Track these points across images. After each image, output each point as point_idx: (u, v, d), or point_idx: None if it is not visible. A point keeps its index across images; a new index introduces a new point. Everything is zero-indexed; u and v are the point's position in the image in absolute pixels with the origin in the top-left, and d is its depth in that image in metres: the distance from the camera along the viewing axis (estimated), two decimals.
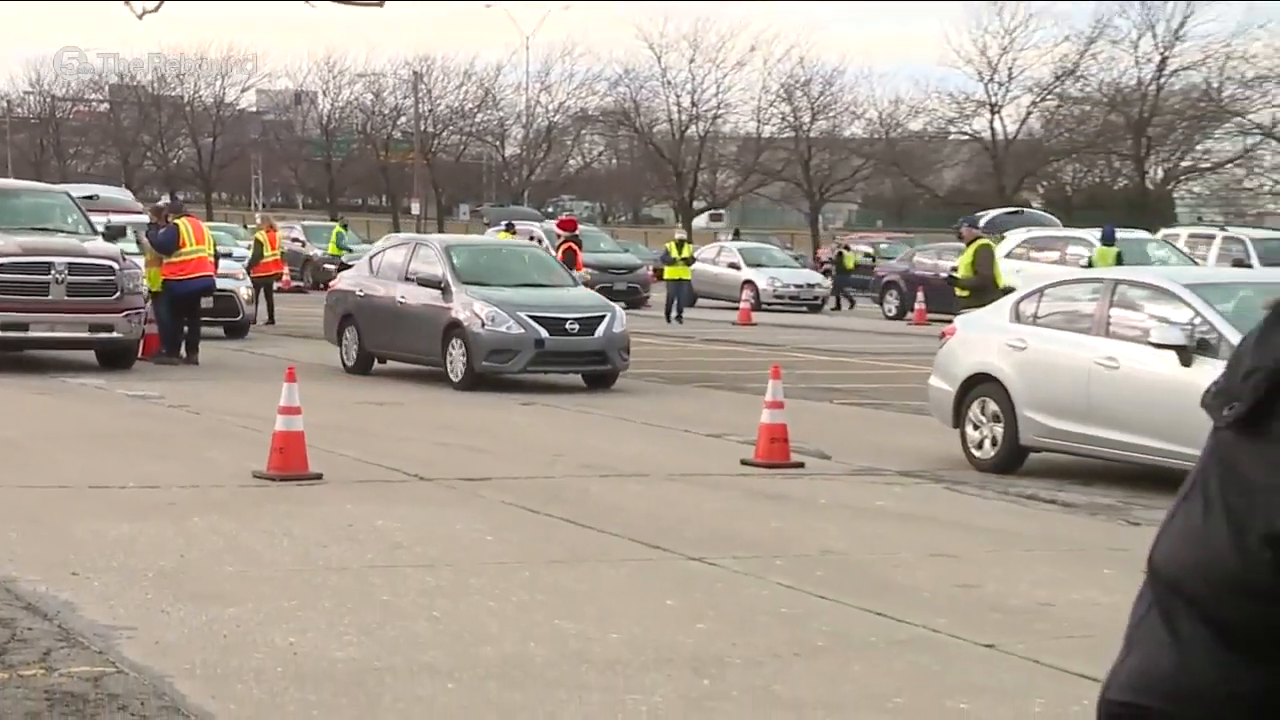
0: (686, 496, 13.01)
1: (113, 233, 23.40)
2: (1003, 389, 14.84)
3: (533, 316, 21.16)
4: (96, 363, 22.44)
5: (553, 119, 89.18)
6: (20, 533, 10.64)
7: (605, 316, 21.70)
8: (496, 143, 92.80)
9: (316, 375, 21.02)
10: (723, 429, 17.28)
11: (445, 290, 21.71)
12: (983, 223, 38.57)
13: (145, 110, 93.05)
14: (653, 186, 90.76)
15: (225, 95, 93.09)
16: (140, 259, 23.60)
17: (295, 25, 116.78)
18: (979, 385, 15.15)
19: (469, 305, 21.29)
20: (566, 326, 21.31)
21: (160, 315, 23.57)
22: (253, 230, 39.88)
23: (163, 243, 23.66)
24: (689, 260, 40.79)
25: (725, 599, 9.26)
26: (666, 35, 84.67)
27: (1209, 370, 12.15)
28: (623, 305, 25.24)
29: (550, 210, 78.43)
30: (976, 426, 15.10)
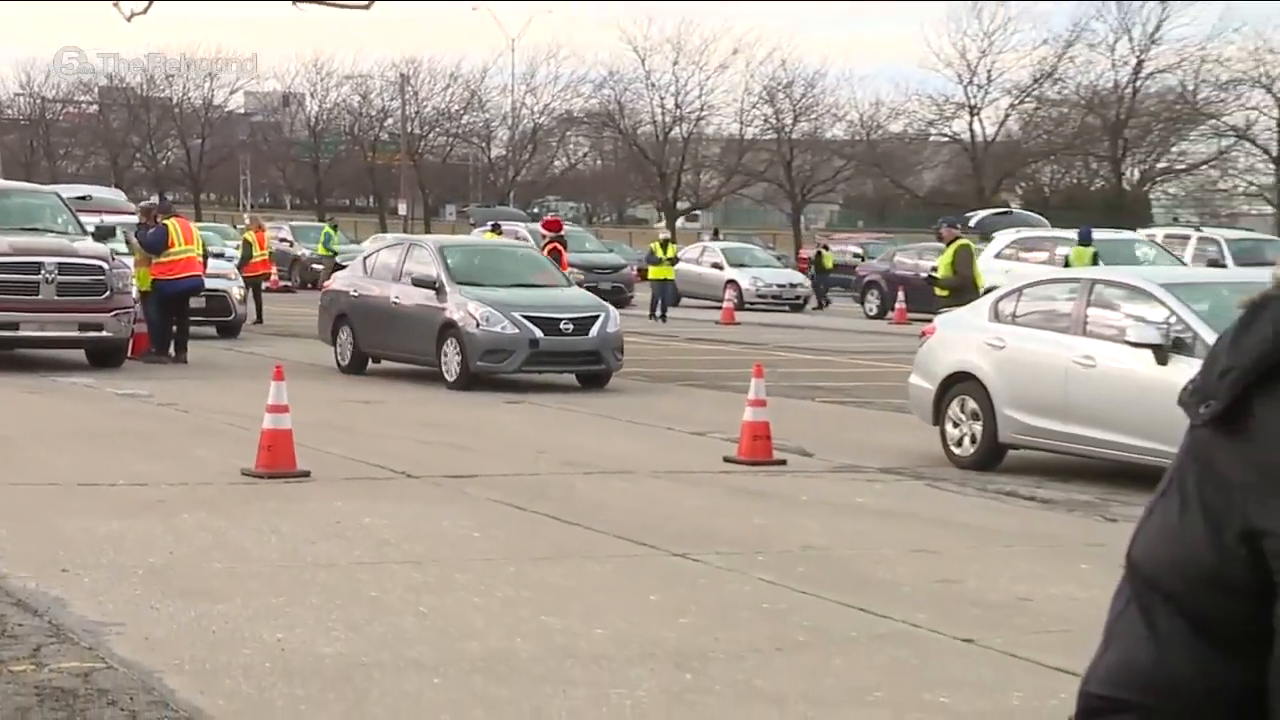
0: (670, 493, 13.09)
1: (102, 233, 23.45)
2: (982, 387, 14.94)
3: (527, 317, 21.21)
4: (86, 362, 22.47)
5: (538, 120, 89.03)
6: (10, 530, 10.69)
7: (599, 316, 21.75)
8: (482, 144, 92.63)
9: (305, 374, 21.04)
10: (706, 427, 17.35)
11: (440, 290, 21.75)
12: (972, 223, 38.74)
13: (134, 112, 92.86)
14: (637, 187, 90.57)
15: (214, 97, 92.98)
16: (129, 259, 23.69)
17: (283, 27, 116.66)
18: (958, 383, 15.24)
19: (463, 305, 21.33)
20: (561, 326, 21.36)
21: (149, 315, 23.63)
22: (242, 231, 39.93)
23: (151, 243, 23.71)
24: (673, 260, 40.93)
25: (708, 594, 9.34)
26: (650, 38, 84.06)
27: (1185, 369, 12.25)
28: None
29: (536, 211, 78.33)
30: (956, 424, 15.21)
